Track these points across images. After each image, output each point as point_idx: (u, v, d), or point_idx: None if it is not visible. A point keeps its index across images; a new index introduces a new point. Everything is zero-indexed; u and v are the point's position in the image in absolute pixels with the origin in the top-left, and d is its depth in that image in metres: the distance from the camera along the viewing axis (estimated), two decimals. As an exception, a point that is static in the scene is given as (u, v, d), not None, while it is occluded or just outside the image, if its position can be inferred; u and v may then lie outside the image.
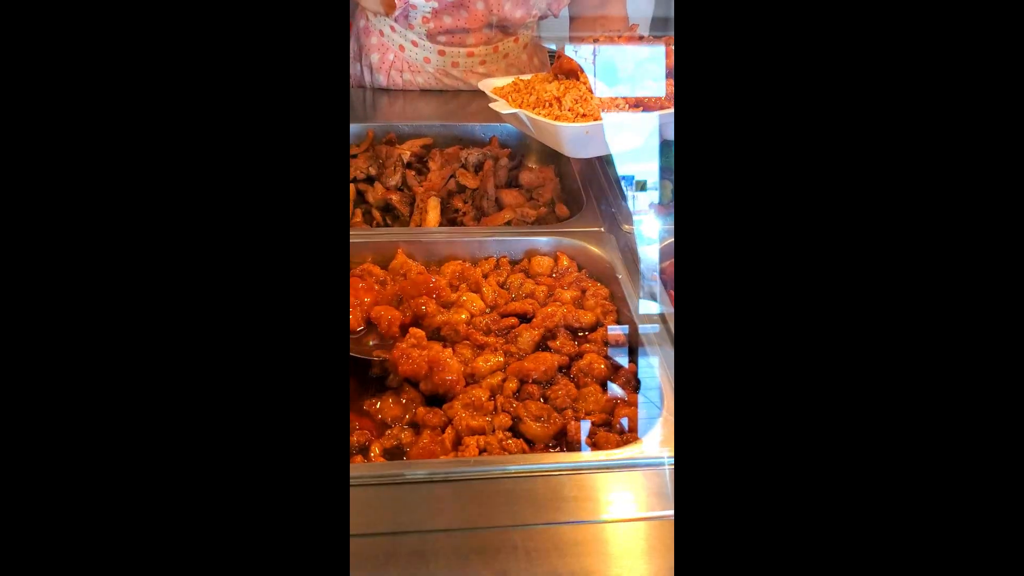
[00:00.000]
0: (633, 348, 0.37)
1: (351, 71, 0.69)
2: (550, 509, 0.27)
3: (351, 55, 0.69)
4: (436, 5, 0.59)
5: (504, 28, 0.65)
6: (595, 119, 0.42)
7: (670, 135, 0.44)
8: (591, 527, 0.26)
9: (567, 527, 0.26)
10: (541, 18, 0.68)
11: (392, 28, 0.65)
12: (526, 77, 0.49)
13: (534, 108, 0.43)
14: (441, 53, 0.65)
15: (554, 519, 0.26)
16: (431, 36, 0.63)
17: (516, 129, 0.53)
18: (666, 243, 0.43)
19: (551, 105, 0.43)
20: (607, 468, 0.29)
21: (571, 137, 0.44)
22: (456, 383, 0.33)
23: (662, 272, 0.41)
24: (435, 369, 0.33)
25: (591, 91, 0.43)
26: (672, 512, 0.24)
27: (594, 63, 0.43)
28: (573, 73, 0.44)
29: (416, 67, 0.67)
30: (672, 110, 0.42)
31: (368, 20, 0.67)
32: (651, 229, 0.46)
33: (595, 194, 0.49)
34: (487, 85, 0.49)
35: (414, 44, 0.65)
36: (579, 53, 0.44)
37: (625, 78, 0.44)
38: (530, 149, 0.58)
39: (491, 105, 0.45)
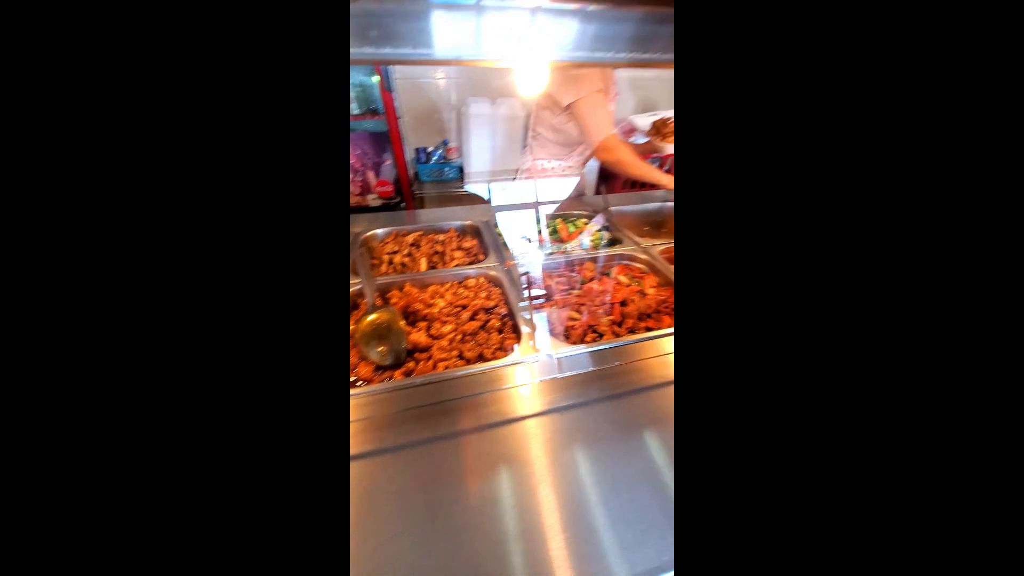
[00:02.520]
0: (513, 317, 0.82)
1: None
2: (481, 387, 0.61)
3: None
4: None
5: None
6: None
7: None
8: (498, 393, 0.60)
9: (486, 394, 0.60)
10: None
11: None
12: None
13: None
14: None
15: (481, 390, 0.61)
16: None
17: (467, 223, 1.04)
18: (514, 266, 0.90)
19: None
20: (502, 366, 0.66)
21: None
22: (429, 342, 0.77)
23: (523, 283, 0.87)
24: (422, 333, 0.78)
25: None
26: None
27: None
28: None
29: None
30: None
31: None
32: (513, 265, 0.93)
33: (496, 248, 0.98)
34: None
35: None
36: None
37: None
38: (466, 233, 1.08)
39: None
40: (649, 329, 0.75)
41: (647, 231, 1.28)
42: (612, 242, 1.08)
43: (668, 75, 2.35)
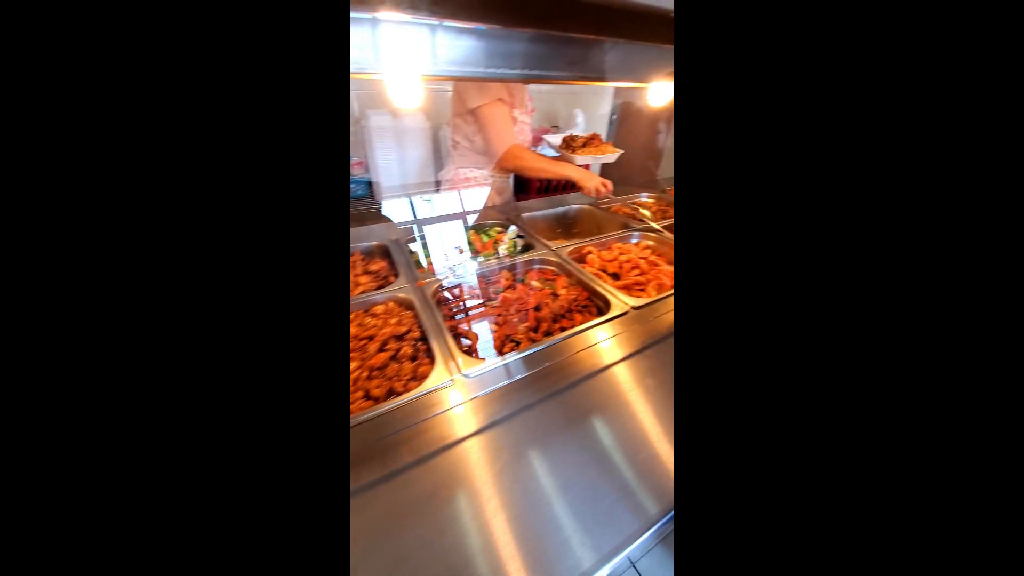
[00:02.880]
0: (426, 340, 0.77)
1: None
2: (395, 425, 0.54)
3: None
4: None
5: None
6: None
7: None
8: (422, 424, 0.54)
9: (405, 430, 0.53)
10: None
11: None
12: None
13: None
14: None
15: (397, 427, 0.54)
16: None
17: (375, 243, 0.97)
18: (427, 285, 0.87)
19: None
20: (416, 397, 0.60)
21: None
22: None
23: (436, 302, 0.84)
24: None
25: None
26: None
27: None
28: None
29: None
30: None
31: None
32: (425, 284, 0.90)
33: (408, 268, 0.92)
34: None
35: None
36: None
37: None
38: (373, 254, 1.01)
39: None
40: (563, 329, 0.78)
41: (559, 233, 1.35)
42: (526, 248, 1.11)
43: (567, 88, 2.55)
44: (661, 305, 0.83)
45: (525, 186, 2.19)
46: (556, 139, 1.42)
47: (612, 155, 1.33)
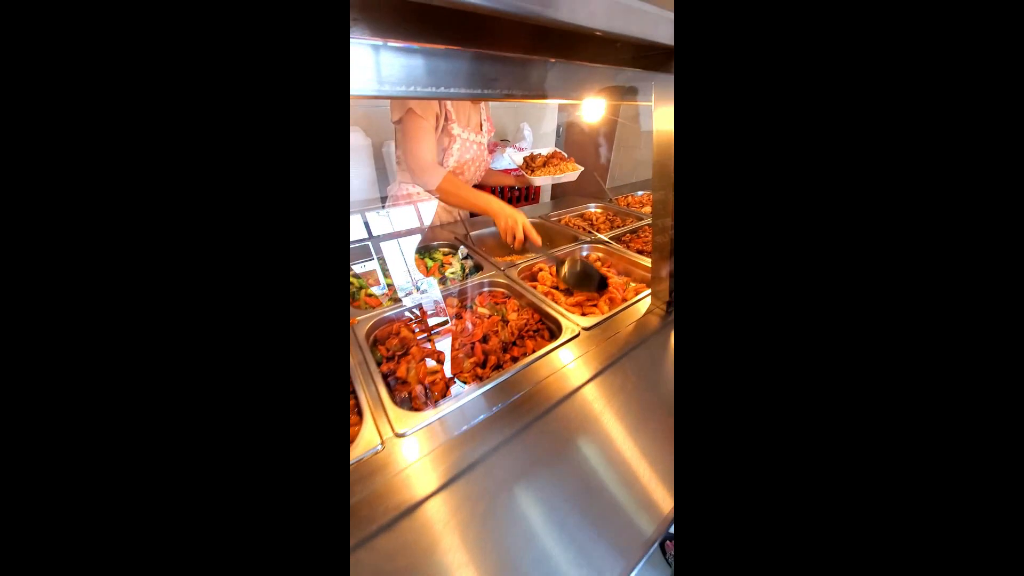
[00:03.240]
0: (355, 394, 0.67)
1: None
2: None
3: None
4: None
5: None
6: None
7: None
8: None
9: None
10: None
11: None
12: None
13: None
14: None
15: None
16: None
17: None
18: (360, 323, 0.78)
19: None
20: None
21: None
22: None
23: None
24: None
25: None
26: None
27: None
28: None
29: None
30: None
31: None
32: (358, 322, 0.80)
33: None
34: None
35: None
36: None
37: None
38: None
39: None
40: (515, 359, 0.72)
41: (511, 250, 1.32)
42: (476, 269, 1.05)
43: (513, 104, 2.57)
44: (612, 323, 0.81)
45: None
46: (518, 157, 1.40)
47: (572, 174, 1.31)
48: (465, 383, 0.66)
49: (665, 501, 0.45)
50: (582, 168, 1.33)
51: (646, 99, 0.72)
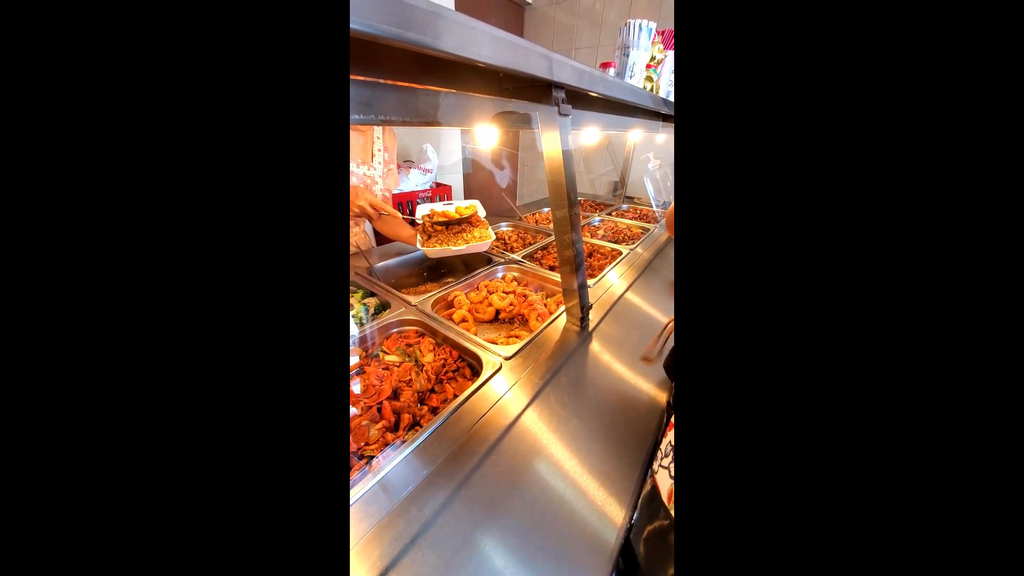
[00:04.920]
0: None
1: None
2: None
3: None
4: None
5: None
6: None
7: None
8: None
9: None
10: None
11: None
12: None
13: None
14: None
15: None
16: None
17: None
18: None
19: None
20: None
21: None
22: None
23: None
24: None
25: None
26: None
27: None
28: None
29: None
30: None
31: None
32: None
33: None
34: None
35: None
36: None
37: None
38: None
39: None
40: (434, 410, 0.63)
41: (424, 278, 1.22)
42: (381, 308, 0.92)
43: (418, 130, 2.50)
44: (534, 347, 0.78)
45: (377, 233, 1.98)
46: (425, 178, 1.24)
47: (481, 244, 1.02)
48: (373, 457, 0.54)
49: (617, 512, 0.46)
50: (492, 239, 1.05)
51: (536, 126, 0.73)
